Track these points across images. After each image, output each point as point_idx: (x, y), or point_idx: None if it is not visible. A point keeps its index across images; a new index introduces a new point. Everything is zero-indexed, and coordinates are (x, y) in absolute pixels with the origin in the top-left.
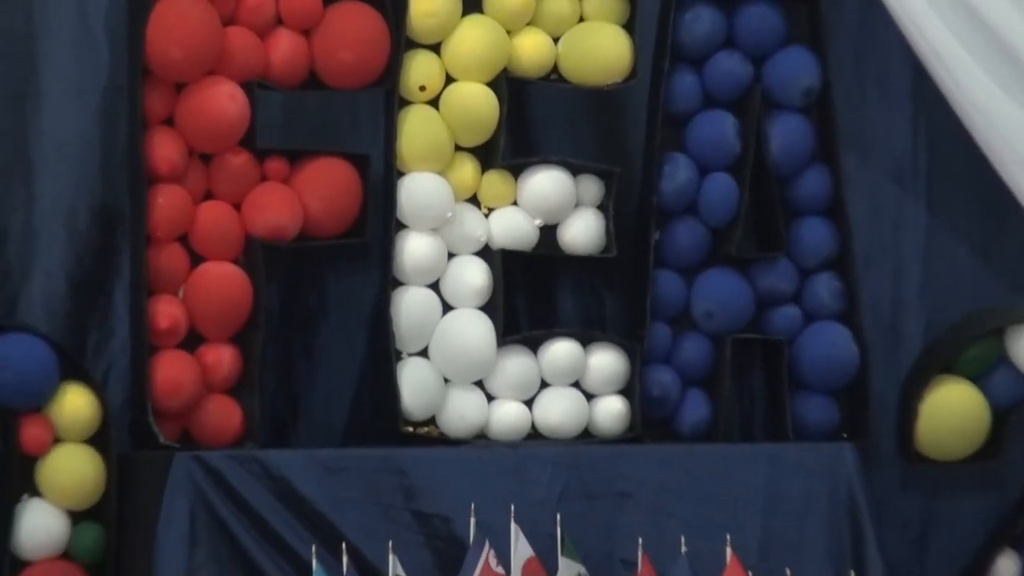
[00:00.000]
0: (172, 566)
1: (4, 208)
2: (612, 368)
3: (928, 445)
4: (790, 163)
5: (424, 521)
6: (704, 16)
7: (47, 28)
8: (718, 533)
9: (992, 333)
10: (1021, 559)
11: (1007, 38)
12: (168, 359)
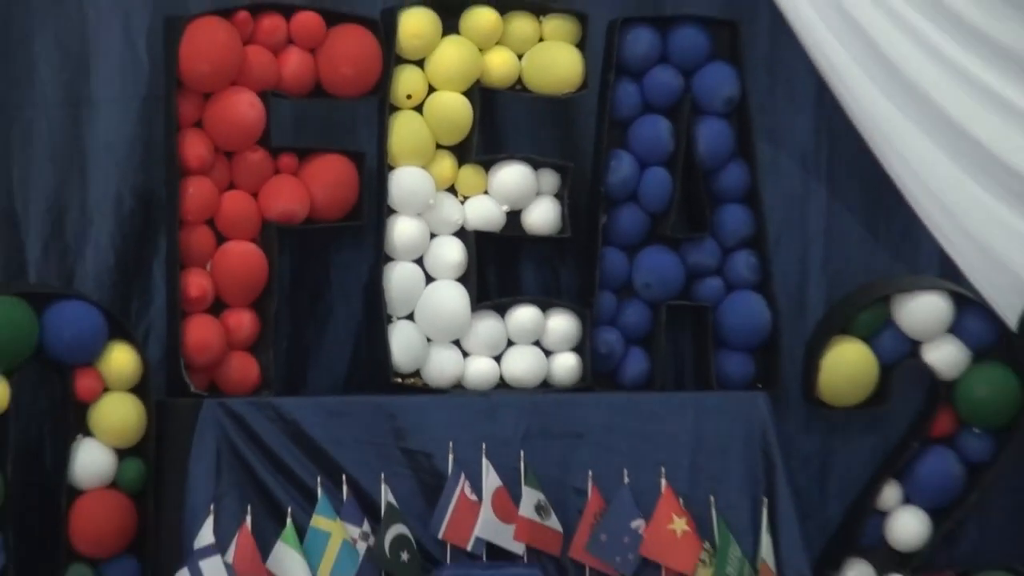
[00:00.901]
0: (201, 494)
1: (62, 196)
2: (567, 329)
3: (827, 393)
4: (714, 159)
5: (411, 457)
6: (643, 36)
7: (98, 47)
8: (654, 467)
9: (880, 300)
10: (902, 487)
11: (889, 54)
12: (197, 322)
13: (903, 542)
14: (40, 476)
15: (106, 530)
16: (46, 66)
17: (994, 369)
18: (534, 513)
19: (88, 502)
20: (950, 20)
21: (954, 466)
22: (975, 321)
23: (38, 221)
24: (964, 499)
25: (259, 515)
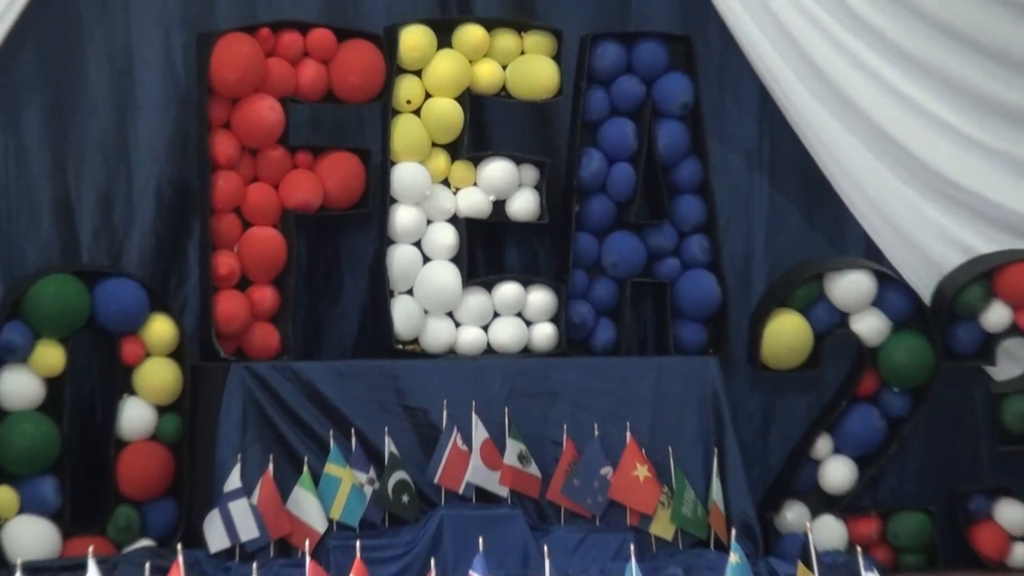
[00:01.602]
0: (230, 445)
1: (111, 187)
2: (545, 302)
3: (769, 358)
4: (672, 156)
5: (410, 413)
6: (610, 50)
7: (141, 59)
8: (620, 422)
9: (814, 278)
10: (832, 439)
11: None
12: (226, 296)
13: (833, 486)
14: (91, 430)
15: (148, 476)
16: (96, 76)
17: (911, 337)
18: (517, 461)
19: (132, 452)
20: (877, 39)
21: (877, 421)
22: (895, 296)
23: (90, 209)
24: (885, 449)
25: (280, 463)
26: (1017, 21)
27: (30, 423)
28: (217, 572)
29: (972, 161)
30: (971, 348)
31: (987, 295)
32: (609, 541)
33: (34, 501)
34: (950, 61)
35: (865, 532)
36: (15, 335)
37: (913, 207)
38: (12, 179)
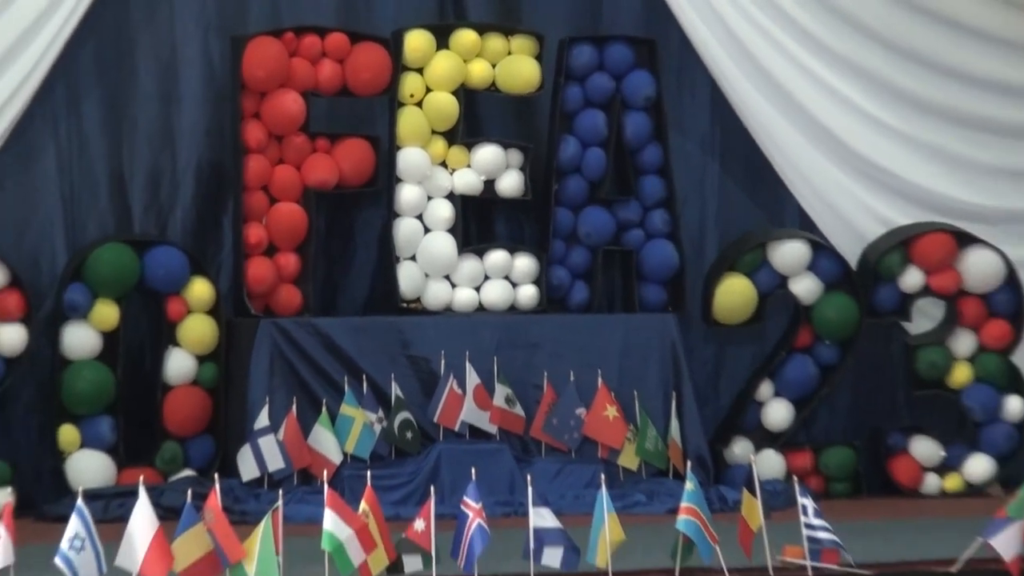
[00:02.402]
0: (259, 389)
1: (158, 168)
2: (528, 267)
3: (720, 314)
4: (637, 142)
5: (413, 362)
6: (584, 51)
7: (183, 58)
8: (593, 369)
9: (758, 246)
10: (773, 384)
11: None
12: (256, 262)
13: (773, 425)
14: (141, 376)
15: (189, 416)
16: (145, 72)
17: (840, 297)
18: (504, 403)
19: (176, 395)
20: (812, 43)
21: (811, 368)
22: (826, 261)
23: (140, 187)
24: (817, 393)
25: (302, 405)
26: (929, 25)
27: (90, 370)
28: (248, 498)
29: (890, 146)
30: (890, 306)
31: (904, 261)
32: (583, 471)
33: (93, 437)
34: (872, 61)
35: (800, 464)
36: (77, 295)
37: (841, 185)
38: (74, 161)
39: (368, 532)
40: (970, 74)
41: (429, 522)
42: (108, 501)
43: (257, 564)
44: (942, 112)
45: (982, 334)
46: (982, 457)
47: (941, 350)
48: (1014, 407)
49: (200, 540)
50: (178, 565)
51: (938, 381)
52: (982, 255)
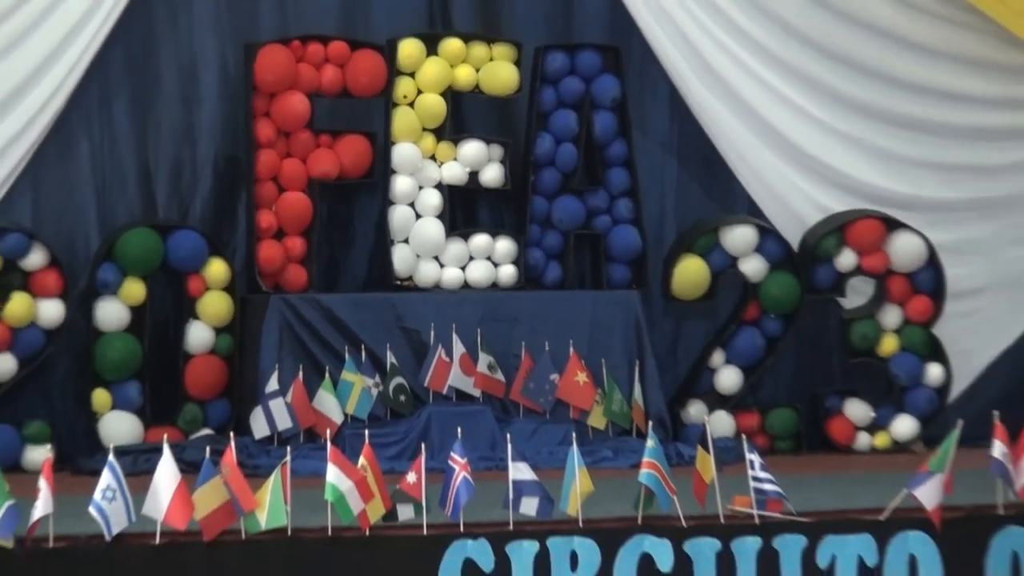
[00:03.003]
0: (269, 358)
1: (179, 161)
2: (508, 249)
3: (678, 291)
4: (604, 138)
5: (406, 333)
6: (558, 57)
7: (203, 63)
8: (565, 339)
9: (711, 230)
10: (725, 353)
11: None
12: (266, 244)
13: (725, 389)
14: (165, 345)
15: (208, 381)
16: (168, 75)
17: (783, 276)
18: (487, 370)
19: (196, 363)
20: (758, 50)
21: (758, 339)
22: (771, 244)
23: (164, 178)
24: (763, 361)
25: (307, 371)
26: (862, 37)
27: (119, 341)
28: (260, 454)
29: (828, 142)
30: (827, 284)
31: (839, 244)
32: (556, 430)
33: (122, 400)
34: (813, 68)
35: (748, 424)
36: (108, 274)
37: (784, 177)
38: (106, 155)
39: (366, 484)
40: (897, 78)
41: (420, 475)
42: (136, 457)
43: (268, 512)
44: (873, 112)
45: (907, 309)
46: (907, 418)
47: (871, 323)
48: (935, 373)
49: (217, 491)
50: (198, 513)
51: (869, 350)
52: (907, 239)
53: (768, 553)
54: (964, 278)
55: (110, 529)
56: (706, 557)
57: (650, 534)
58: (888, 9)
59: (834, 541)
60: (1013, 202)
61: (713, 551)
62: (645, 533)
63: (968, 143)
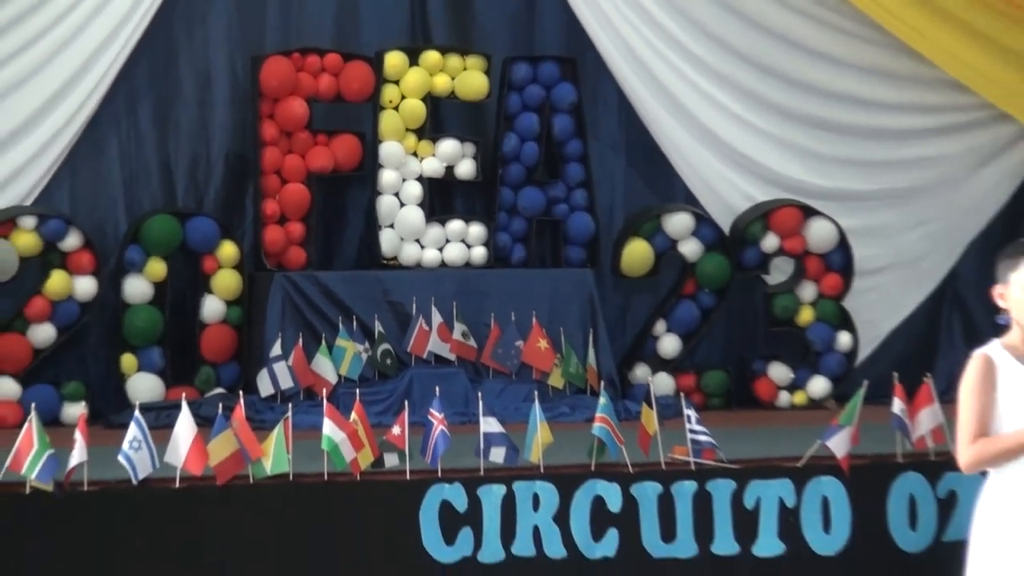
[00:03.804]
0: (273, 326)
1: (196, 157)
2: (480, 233)
3: (625, 269)
4: (563, 137)
5: (392, 306)
6: (522, 67)
7: (215, 71)
8: (528, 311)
9: (654, 217)
10: (666, 322)
11: (661, 79)
12: (271, 229)
13: (666, 353)
14: (183, 316)
15: (220, 347)
16: (186, 82)
17: (716, 256)
18: (461, 337)
19: (210, 331)
20: (696, 62)
21: (694, 311)
22: (706, 229)
23: (183, 171)
24: (699, 329)
25: (306, 339)
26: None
27: (144, 312)
28: (265, 410)
29: (755, 141)
30: (754, 263)
31: (764, 229)
32: (521, 389)
33: (147, 363)
34: (742, 77)
35: (686, 384)
36: (134, 254)
37: (717, 171)
38: (132, 151)
39: (357, 436)
40: (814, 86)
41: (404, 428)
42: (158, 412)
43: (272, 460)
44: (793, 115)
45: (821, 285)
46: (821, 379)
47: (791, 297)
48: (844, 341)
49: (229, 442)
50: (212, 461)
51: (789, 320)
52: (822, 224)
53: (703, 495)
54: (870, 258)
55: (136, 475)
56: (649, 499)
57: (601, 479)
58: (806, 28)
59: (759, 485)
60: (912, 193)
61: (655, 494)
62: (597, 478)
63: (873, 141)
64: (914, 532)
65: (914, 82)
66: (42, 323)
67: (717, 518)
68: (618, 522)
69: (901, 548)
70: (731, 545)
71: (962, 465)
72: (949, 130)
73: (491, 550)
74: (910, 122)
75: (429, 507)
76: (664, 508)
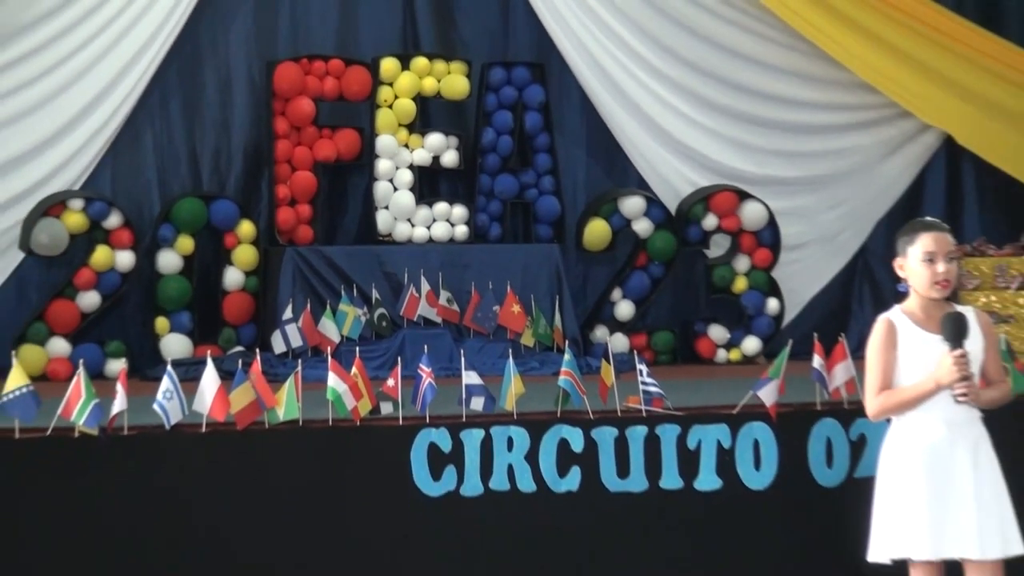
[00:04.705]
0: (285, 293)
1: (219, 148)
2: (462, 213)
3: (587, 245)
4: (533, 131)
5: (387, 275)
6: (498, 71)
7: (236, 75)
8: (504, 281)
9: (612, 199)
10: (622, 289)
11: (618, 81)
12: (283, 210)
13: (622, 317)
14: (208, 284)
15: (240, 310)
16: (211, 83)
17: (664, 233)
18: (446, 303)
19: (231, 298)
20: (648, 67)
21: (645, 280)
22: (655, 210)
23: (208, 161)
24: (649, 296)
25: (313, 304)
26: (723, 56)
27: (175, 281)
28: (279, 365)
29: (698, 135)
30: (696, 239)
31: (705, 210)
32: (497, 347)
33: (177, 325)
34: (686, 79)
35: (638, 342)
36: (166, 232)
37: (665, 160)
38: (164, 144)
39: (358, 387)
40: (749, 88)
41: (397, 380)
42: (187, 367)
43: (284, 407)
44: (731, 112)
45: (753, 258)
46: (753, 338)
47: (728, 268)
48: (772, 306)
49: (247, 392)
50: (233, 409)
51: (726, 288)
52: (754, 206)
53: (652, 438)
54: (794, 235)
55: (169, 421)
56: (607, 441)
57: (566, 424)
58: (742, 39)
59: (700, 429)
60: (830, 179)
61: (612, 437)
62: (562, 423)
63: (799, 136)
64: (830, 469)
65: (832, 84)
66: (88, 291)
67: (664, 457)
68: (580, 461)
69: (819, 483)
70: (676, 480)
71: (869, 413)
72: (861, 125)
73: (471, 485)
74: (828, 118)
75: (419, 448)
76: (619, 449)
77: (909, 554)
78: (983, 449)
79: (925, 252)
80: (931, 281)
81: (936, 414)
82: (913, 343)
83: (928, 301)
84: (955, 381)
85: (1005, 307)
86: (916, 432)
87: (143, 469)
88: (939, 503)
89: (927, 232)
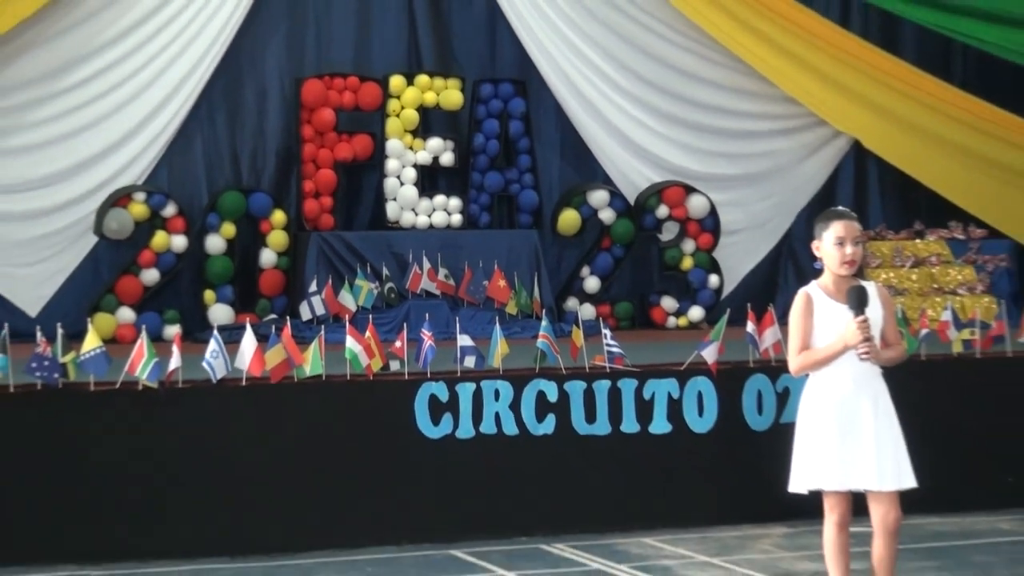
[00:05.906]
0: (311, 271)
1: (256, 150)
2: (457, 204)
3: (560, 231)
4: (516, 137)
5: (396, 255)
6: (486, 87)
7: (269, 90)
8: (492, 261)
9: (581, 192)
10: (591, 268)
11: (584, 91)
12: (309, 202)
13: (590, 290)
14: (247, 262)
15: (273, 285)
16: (249, 96)
17: (625, 221)
18: (444, 278)
19: (266, 274)
20: (610, 81)
21: (609, 259)
22: (617, 200)
23: (246, 161)
24: (613, 272)
25: (334, 279)
26: (675, 75)
27: (220, 259)
28: (305, 330)
29: (653, 139)
30: (651, 226)
31: (658, 201)
32: (486, 315)
33: (222, 297)
34: (644, 93)
35: (603, 311)
36: (213, 219)
37: (626, 161)
38: (210, 145)
39: (371, 348)
40: (697, 100)
41: (403, 343)
42: (230, 332)
43: (311, 364)
44: (682, 121)
45: (698, 241)
46: (697, 308)
47: (677, 250)
48: (713, 281)
49: (279, 353)
50: (268, 366)
51: (675, 267)
52: (698, 199)
53: (614, 390)
54: (732, 222)
55: (215, 376)
56: (577, 393)
57: (543, 379)
58: (691, 60)
59: (654, 383)
60: (761, 176)
61: (581, 389)
62: (540, 378)
63: (736, 140)
64: (761, 416)
65: (763, 97)
66: (149, 268)
67: (624, 406)
68: (555, 409)
69: (752, 427)
70: (634, 425)
71: (791, 370)
72: (786, 131)
73: (465, 429)
74: (760, 126)
75: (421, 399)
76: (587, 399)
77: (821, 485)
78: (882, 399)
79: (836, 237)
80: (840, 261)
81: (844, 370)
82: (826, 312)
83: (838, 277)
84: (859, 342)
85: (901, 282)
86: (828, 385)
87: (194, 416)
88: (846, 444)
89: (838, 220)
